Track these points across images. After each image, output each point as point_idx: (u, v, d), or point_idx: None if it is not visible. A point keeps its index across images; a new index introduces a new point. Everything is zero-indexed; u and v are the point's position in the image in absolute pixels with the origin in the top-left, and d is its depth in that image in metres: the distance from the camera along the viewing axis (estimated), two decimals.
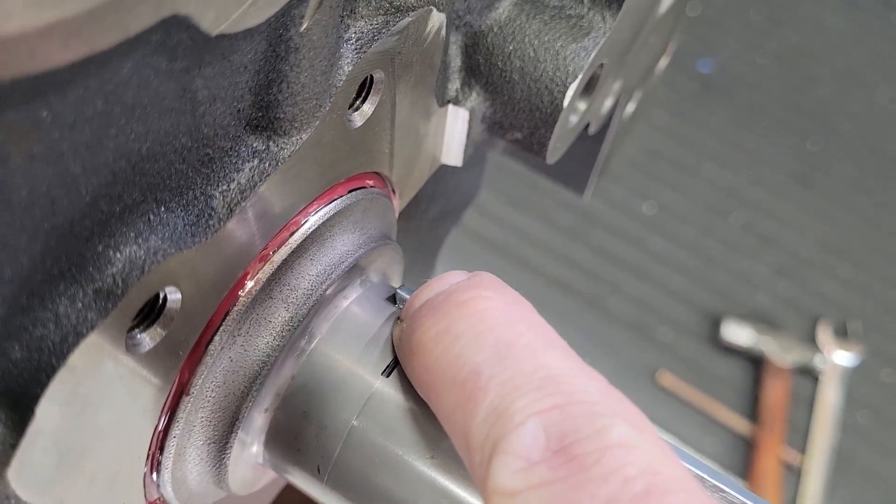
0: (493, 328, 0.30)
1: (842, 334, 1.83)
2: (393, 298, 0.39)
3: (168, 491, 0.36)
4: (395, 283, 0.42)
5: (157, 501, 0.37)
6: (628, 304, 1.85)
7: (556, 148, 0.46)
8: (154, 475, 0.35)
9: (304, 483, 0.37)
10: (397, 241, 0.43)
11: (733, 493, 0.35)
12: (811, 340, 1.81)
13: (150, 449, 0.33)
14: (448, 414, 0.30)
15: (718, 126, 2.06)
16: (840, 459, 1.69)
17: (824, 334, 1.80)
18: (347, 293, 0.37)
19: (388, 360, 0.36)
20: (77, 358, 0.26)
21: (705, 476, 0.35)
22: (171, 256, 0.28)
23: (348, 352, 0.36)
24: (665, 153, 2.02)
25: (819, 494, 1.66)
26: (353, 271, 0.37)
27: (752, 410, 1.75)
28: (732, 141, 2.05)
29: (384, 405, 0.35)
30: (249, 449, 0.37)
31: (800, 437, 1.73)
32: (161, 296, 0.29)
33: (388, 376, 0.35)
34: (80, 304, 0.26)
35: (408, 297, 0.38)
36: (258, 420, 0.36)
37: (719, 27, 2.19)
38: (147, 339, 0.29)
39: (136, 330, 0.29)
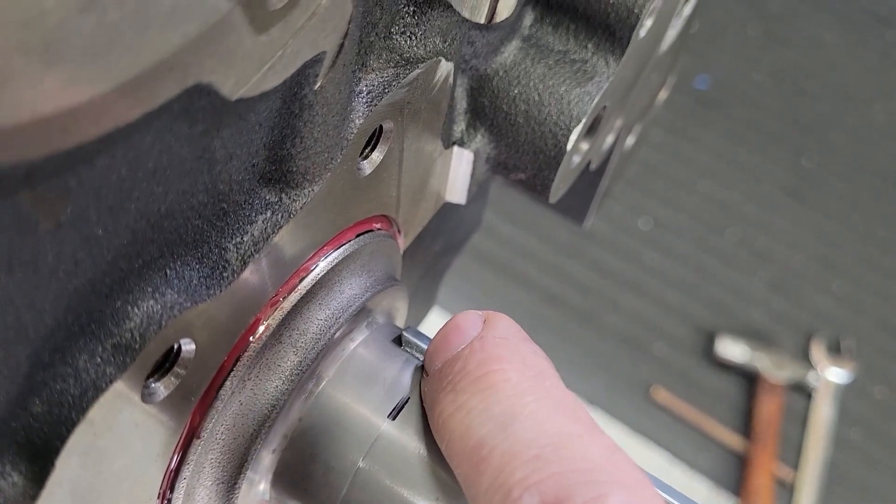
0: (501, 400, 0.30)
1: (835, 351, 1.84)
2: (399, 340, 0.39)
3: None
4: (400, 323, 0.43)
5: None
6: (623, 320, 1.85)
7: (559, 188, 0.46)
8: None
9: None
10: (402, 275, 0.44)
11: None
12: (805, 357, 1.82)
13: (161, 489, 0.34)
14: (462, 484, 0.31)
15: (714, 142, 2.08)
16: (833, 475, 1.70)
17: (818, 351, 1.82)
18: (354, 336, 0.38)
19: (395, 402, 0.37)
20: (96, 412, 0.27)
21: None
22: (188, 310, 0.29)
23: (355, 394, 0.37)
24: (661, 169, 2.03)
25: None
26: (360, 314, 0.38)
27: (746, 426, 1.76)
28: (728, 157, 2.06)
29: (391, 447, 0.36)
30: (257, 487, 0.37)
31: (793, 453, 1.73)
32: (176, 347, 0.30)
33: (394, 419, 0.36)
34: (98, 360, 0.27)
35: (414, 339, 0.39)
36: (266, 460, 0.37)
37: (716, 44, 2.21)
38: (162, 388, 0.30)
39: (152, 380, 0.30)
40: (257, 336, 0.34)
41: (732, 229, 1.97)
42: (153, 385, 0.30)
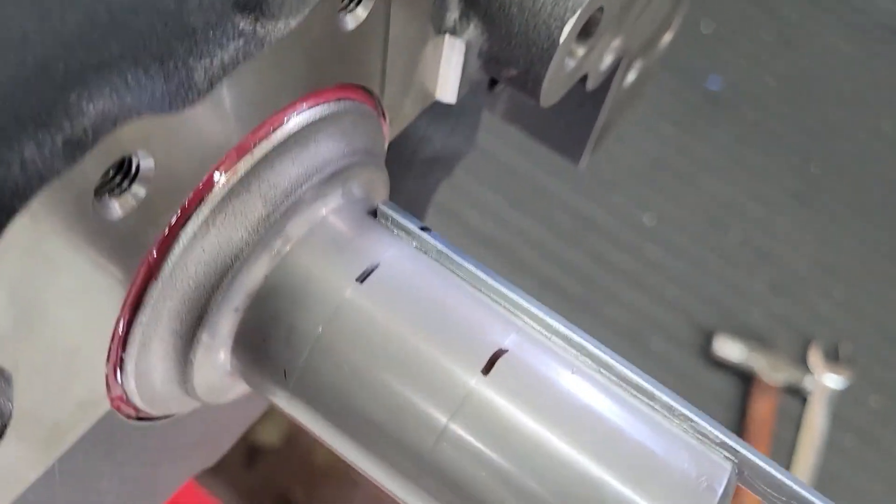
0: None
1: (833, 356, 1.82)
2: (375, 212, 0.38)
3: (131, 385, 0.35)
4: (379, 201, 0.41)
5: (119, 399, 0.36)
6: (622, 312, 1.84)
7: (551, 90, 0.45)
8: (118, 365, 0.34)
9: (269, 390, 0.37)
10: (394, 176, 0.43)
11: (700, 421, 0.34)
12: (802, 360, 1.80)
13: (114, 332, 0.33)
14: None
15: (723, 142, 2.06)
16: (824, 479, 1.68)
17: (815, 356, 1.80)
18: (328, 201, 0.37)
19: (364, 267, 0.35)
20: (40, 206, 0.26)
21: (676, 405, 0.34)
22: (147, 118, 0.27)
23: (324, 257, 0.36)
24: (668, 164, 2.02)
25: None
26: (335, 180, 0.37)
27: (739, 426, 1.74)
28: (736, 157, 2.05)
29: (355, 312, 0.35)
30: (217, 352, 0.36)
31: (785, 455, 1.71)
32: (134, 162, 0.29)
33: (361, 283, 0.35)
34: (47, 151, 0.26)
35: (391, 212, 0.38)
36: (227, 320, 0.35)
37: (730, 45, 2.20)
38: (117, 205, 0.29)
39: (107, 195, 0.29)
40: (224, 179, 0.33)
41: (736, 228, 1.96)
42: (108, 200, 0.29)
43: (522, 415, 0.33)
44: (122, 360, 0.34)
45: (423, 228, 0.38)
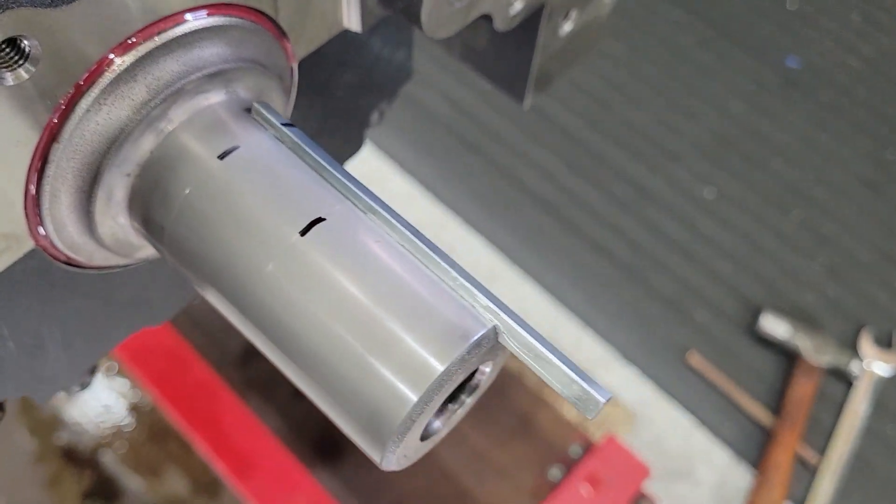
0: None
1: (884, 344, 1.79)
2: (250, 109, 0.47)
3: (51, 230, 0.46)
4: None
5: (44, 240, 0.47)
6: (670, 282, 1.87)
7: (436, 23, 0.53)
8: (35, 210, 0.45)
9: (154, 244, 0.47)
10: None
11: (476, 291, 0.42)
12: (850, 345, 1.79)
13: (28, 182, 0.43)
14: None
15: (795, 122, 2.04)
16: (859, 465, 1.68)
17: (866, 341, 1.78)
18: (210, 96, 0.46)
19: (227, 147, 0.45)
20: None
21: (459, 277, 0.42)
22: (25, 9, 0.37)
23: (198, 137, 0.45)
24: (735, 142, 2.02)
25: (831, 494, 1.65)
26: (217, 80, 0.46)
27: (777, 404, 1.75)
28: (807, 139, 2.02)
29: (215, 180, 0.44)
30: (114, 206, 0.46)
31: (820, 437, 1.71)
32: (22, 42, 0.38)
33: (222, 158, 0.44)
34: None
35: (264, 111, 0.47)
36: (121, 183, 0.45)
37: (815, 24, 2.16)
38: (10, 76, 0.39)
39: (3, 67, 0.39)
40: (112, 66, 0.42)
41: (798, 210, 1.94)
42: (2, 70, 0.39)
43: (327, 267, 0.41)
44: (38, 206, 0.45)
45: (285, 124, 0.46)
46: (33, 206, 0.45)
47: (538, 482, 1.67)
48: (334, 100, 0.60)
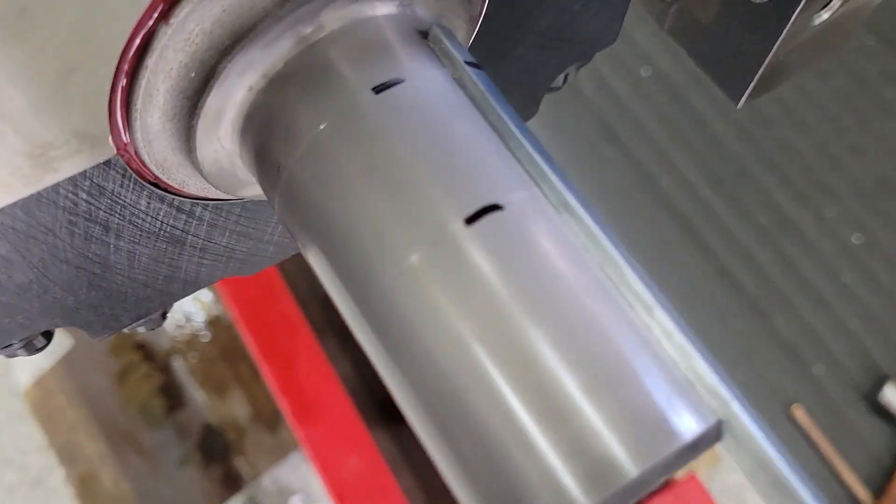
0: None
1: None
2: (426, 34, 0.34)
3: (138, 139, 0.35)
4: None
5: (126, 149, 0.35)
6: (793, 326, 1.69)
7: None
8: (123, 109, 0.33)
9: (264, 184, 0.35)
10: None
11: (700, 360, 0.28)
12: None
13: (119, 71, 0.32)
14: None
15: None
16: None
17: None
18: (378, 5, 0.34)
19: (388, 79, 0.32)
20: None
21: (677, 332, 0.29)
22: None
23: (350, 57, 0.33)
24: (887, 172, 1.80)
25: None
26: None
27: (882, 485, 1.57)
28: None
29: (360, 119, 0.32)
30: (223, 124, 0.34)
31: None
32: None
33: (377, 93, 0.32)
34: None
35: (443, 37, 0.34)
36: (238, 95, 0.33)
37: None
38: None
39: None
40: None
41: None
42: None
43: (491, 277, 0.29)
44: (127, 106, 0.33)
45: (470, 63, 0.33)
46: (121, 103, 0.33)
47: None
48: (521, 48, 0.47)
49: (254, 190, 0.40)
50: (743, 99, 0.57)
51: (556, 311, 0.28)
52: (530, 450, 0.27)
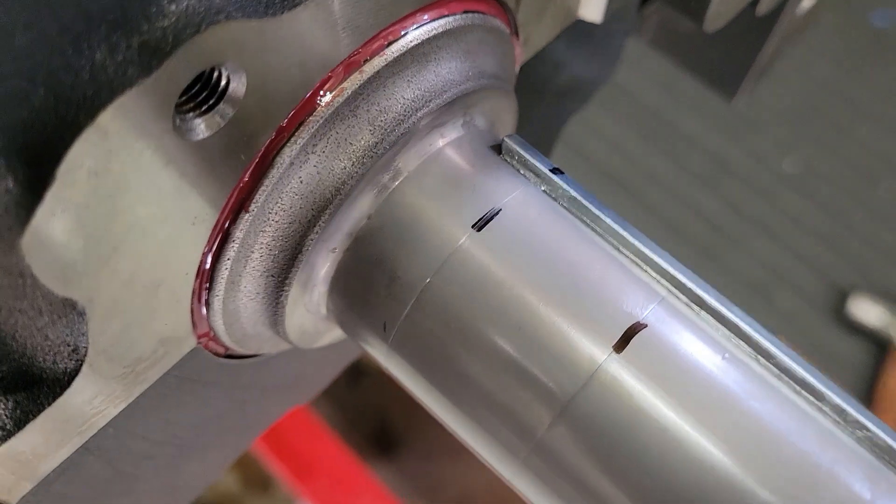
0: None
1: None
2: (499, 148, 0.33)
3: (219, 324, 0.32)
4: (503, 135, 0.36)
5: (207, 336, 0.33)
6: (749, 262, 1.73)
7: (718, 13, 0.38)
8: (204, 302, 0.31)
9: (366, 341, 0.33)
10: (518, 100, 0.38)
11: (879, 432, 0.28)
12: None
13: (200, 268, 0.29)
14: None
15: (886, 86, 1.88)
16: None
17: None
18: (446, 132, 0.32)
19: (483, 212, 0.30)
20: (110, 119, 0.22)
21: (849, 409, 0.28)
22: (236, 22, 0.23)
23: (437, 197, 0.31)
24: (819, 108, 1.86)
25: None
26: (456, 107, 0.32)
27: (868, 396, 1.62)
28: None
29: (469, 263, 0.30)
30: (311, 293, 0.32)
31: None
32: (223, 74, 0.24)
33: (479, 230, 0.30)
34: (120, 56, 0.22)
35: (517, 148, 0.33)
36: (324, 261, 0.31)
37: None
38: (202, 124, 0.25)
39: (191, 112, 0.25)
40: (328, 99, 0.28)
41: (890, 182, 1.79)
42: (191, 117, 0.24)
43: (658, 403, 0.27)
44: (208, 297, 0.31)
45: (553, 170, 0.32)
46: (201, 298, 0.31)
47: None
48: (538, 109, 0.45)
49: (331, 336, 0.37)
50: (739, 97, 0.57)
51: (732, 424, 0.28)
52: None
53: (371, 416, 1.73)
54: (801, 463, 0.27)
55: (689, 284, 0.30)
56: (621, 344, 0.28)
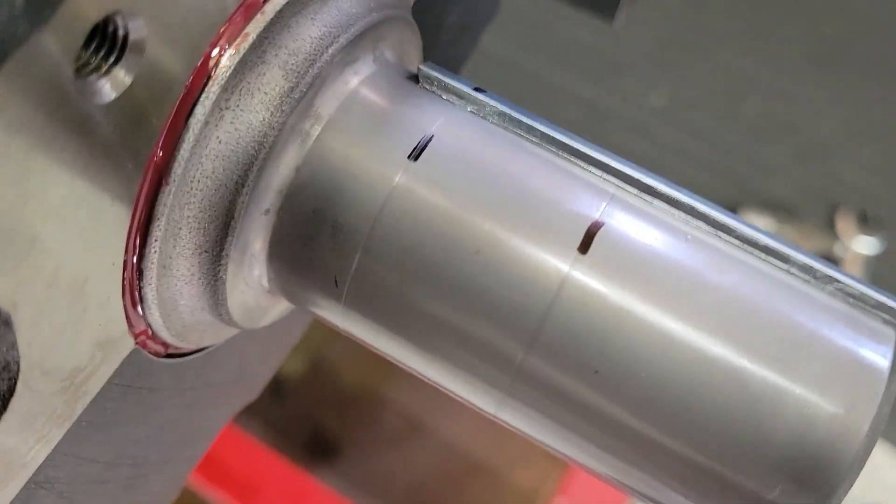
0: None
1: (863, 220, 1.76)
2: (415, 78, 0.31)
3: (155, 317, 0.30)
4: (413, 68, 0.35)
5: (144, 334, 0.30)
6: None
7: None
8: (137, 294, 0.28)
9: (317, 303, 0.31)
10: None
11: (849, 281, 0.28)
12: (831, 227, 1.75)
13: (127, 255, 0.27)
14: None
15: (734, 6, 1.96)
16: None
17: (844, 221, 1.74)
18: (359, 69, 0.30)
19: (416, 142, 0.29)
20: (5, 87, 0.19)
21: (817, 266, 0.28)
22: None
23: (365, 135, 0.29)
24: (676, 40, 1.92)
25: None
26: (365, 41, 0.30)
27: None
28: (749, 25, 1.95)
29: (412, 196, 0.28)
30: (250, 265, 0.30)
31: None
32: (118, 25, 0.22)
33: (415, 160, 0.29)
34: (5, 12, 0.19)
35: (435, 73, 0.31)
36: (258, 226, 0.29)
37: None
38: (107, 84, 0.22)
39: (93, 73, 0.22)
40: (232, 47, 0.26)
41: (753, 99, 1.87)
42: (93, 79, 0.22)
43: (635, 299, 0.27)
44: (140, 287, 0.28)
45: (476, 90, 0.31)
46: (132, 291, 0.28)
47: None
48: (436, 53, 0.44)
49: (275, 313, 0.35)
50: (620, 17, 0.57)
51: (709, 303, 0.27)
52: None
53: (302, 425, 1.69)
54: (783, 326, 0.27)
55: (637, 175, 0.29)
56: (584, 246, 0.27)
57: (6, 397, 0.25)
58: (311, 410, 1.66)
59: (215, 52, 0.26)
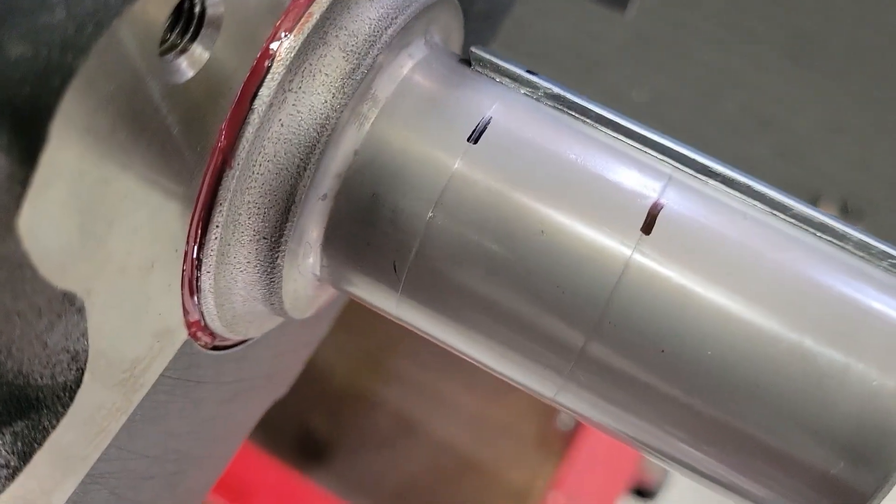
0: None
1: (844, 212, 1.78)
2: (467, 61, 0.31)
3: (210, 306, 0.29)
4: (457, 52, 0.34)
5: (196, 325, 0.30)
6: None
7: None
8: (194, 284, 0.28)
9: (374, 291, 0.31)
10: None
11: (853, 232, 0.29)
12: None
13: (188, 235, 0.26)
14: None
15: (711, 5, 1.98)
16: None
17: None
18: (413, 52, 0.30)
19: (473, 125, 0.29)
20: (100, 58, 0.19)
21: (872, 242, 0.29)
22: None
23: (423, 118, 0.29)
24: (656, 37, 1.94)
25: None
26: (419, 24, 0.30)
27: None
28: (727, 21, 1.96)
29: (476, 181, 0.28)
30: (305, 252, 0.30)
31: None
32: (195, 3, 0.22)
33: (475, 142, 0.28)
34: None
35: (487, 55, 0.31)
36: (316, 212, 0.29)
37: None
38: (185, 63, 0.22)
39: (172, 52, 0.22)
40: (297, 27, 0.26)
41: (733, 95, 1.89)
42: (171, 57, 0.22)
43: (700, 279, 0.27)
44: (198, 274, 0.28)
45: (529, 72, 0.31)
46: (191, 279, 0.28)
47: (545, 432, 1.57)
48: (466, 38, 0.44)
49: (321, 300, 0.35)
50: (633, 8, 0.57)
51: (770, 282, 0.27)
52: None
53: (293, 427, 1.68)
54: (843, 301, 0.27)
55: (693, 156, 0.29)
56: (647, 227, 0.27)
57: (73, 388, 0.24)
58: (302, 411, 1.65)
59: (282, 32, 0.25)
